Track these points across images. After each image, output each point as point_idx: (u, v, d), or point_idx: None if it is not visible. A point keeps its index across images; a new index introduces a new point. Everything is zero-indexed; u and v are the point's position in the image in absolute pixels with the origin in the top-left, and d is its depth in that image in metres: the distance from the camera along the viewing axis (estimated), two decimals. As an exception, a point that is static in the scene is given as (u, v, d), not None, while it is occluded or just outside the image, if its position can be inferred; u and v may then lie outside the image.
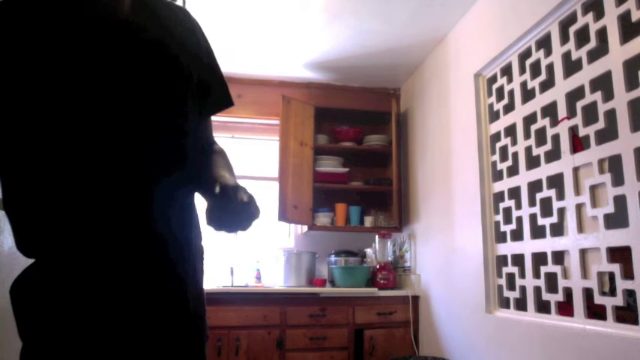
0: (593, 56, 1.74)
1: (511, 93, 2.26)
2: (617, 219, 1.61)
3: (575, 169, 1.80)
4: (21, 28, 0.79)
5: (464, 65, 2.66)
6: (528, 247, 2.06)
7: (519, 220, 2.14)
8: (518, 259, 2.14)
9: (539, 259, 1.99)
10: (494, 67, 2.41)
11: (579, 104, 1.79)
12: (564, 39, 1.92)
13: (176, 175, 0.86)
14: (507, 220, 2.24)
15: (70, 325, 0.79)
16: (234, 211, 0.77)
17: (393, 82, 3.71)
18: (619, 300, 1.55)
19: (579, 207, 1.78)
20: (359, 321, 2.96)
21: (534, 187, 2.06)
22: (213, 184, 0.83)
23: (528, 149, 2.12)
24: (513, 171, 2.22)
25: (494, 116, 2.41)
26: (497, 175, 2.35)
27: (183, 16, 0.95)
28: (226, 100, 1.01)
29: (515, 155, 2.21)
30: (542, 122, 2.02)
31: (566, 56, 1.90)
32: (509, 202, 2.23)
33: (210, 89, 0.98)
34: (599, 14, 1.72)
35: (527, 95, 2.13)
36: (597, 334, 1.59)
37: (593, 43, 1.76)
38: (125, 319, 0.81)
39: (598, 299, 1.64)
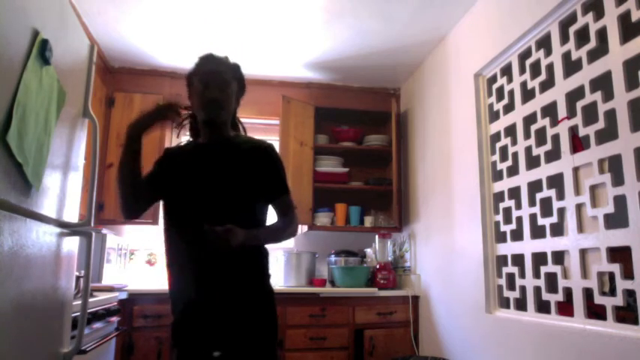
0: (593, 56, 1.74)
1: (511, 93, 2.26)
2: (617, 219, 1.61)
3: (575, 169, 1.80)
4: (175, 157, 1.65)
5: (464, 65, 2.66)
6: (528, 247, 2.06)
7: (519, 220, 2.14)
8: (518, 259, 2.14)
9: (539, 259, 1.99)
10: (494, 67, 2.41)
11: (579, 104, 1.79)
12: (564, 39, 1.92)
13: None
14: (507, 220, 2.24)
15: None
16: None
17: (393, 82, 3.71)
18: (619, 300, 1.55)
19: (579, 207, 1.78)
20: (359, 321, 2.96)
21: (534, 187, 2.06)
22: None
23: (528, 149, 2.12)
24: (513, 171, 2.22)
25: (494, 116, 2.41)
26: (497, 175, 2.35)
27: (260, 151, 1.62)
28: (282, 190, 1.63)
29: (515, 155, 2.21)
30: (542, 122, 2.02)
31: (566, 56, 1.90)
32: (509, 202, 2.23)
33: (271, 186, 1.61)
34: (599, 14, 1.72)
35: (527, 95, 2.13)
36: (597, 334, 1.59)
37: (593, 43, 1.76)
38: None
39: (598, 299, 1.64)
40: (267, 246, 1.64)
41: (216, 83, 1.55)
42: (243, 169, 1.55)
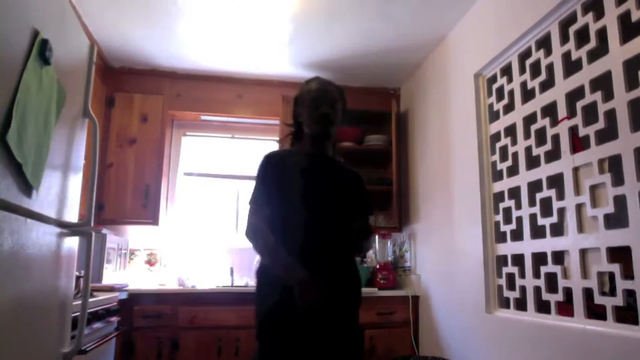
0: (593, 56, 1.74)
1: (511, 93, 2.26)
2: (617, 219, 1.61)
3: (575, 169, 1.80)
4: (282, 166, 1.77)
5: (464, 65, 2.66)
6: (528, 247, 2.06)
7: (519, 220, 2.14)
8: (518, 259, 2.14)
9: (539, 259, 1.99)
10: (494, 67, 2.41)
11: (579, 104, 1.79)
12: (564, 39, 1.92)
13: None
14: (507, 220, 2.24)
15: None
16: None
17: (393, 82, 3.71)
18: (619, 300, 1.55)
19: (579, 207, 1.78)
20: (359, 321, 2.96)
21: (534, 187, 2.06)
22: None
23: (528, 149, 2.12)
24: (513, 171, 2.21)
25: (494, 116, 2.41)
26: (497, 175, 2.35)
27: (354, 175, 1.89)
28: (370, 210, 1.92)
29: (515, 155, 2.21)
30: (542, 122, 2.02)
31: (566, 56, 1.90)
32: (509, 202, 2.23)
33: (362, 207, 1.86)
34: (599, 14, 1.72)
35: (527, 95, 2.13)
36: (597, 334, 1.59)
37: (593, 43, 1.76)
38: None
39: (598, 299, 1.64)
40: None
41: (327, 101, 1.77)
42: (347, 188, 1.80)
